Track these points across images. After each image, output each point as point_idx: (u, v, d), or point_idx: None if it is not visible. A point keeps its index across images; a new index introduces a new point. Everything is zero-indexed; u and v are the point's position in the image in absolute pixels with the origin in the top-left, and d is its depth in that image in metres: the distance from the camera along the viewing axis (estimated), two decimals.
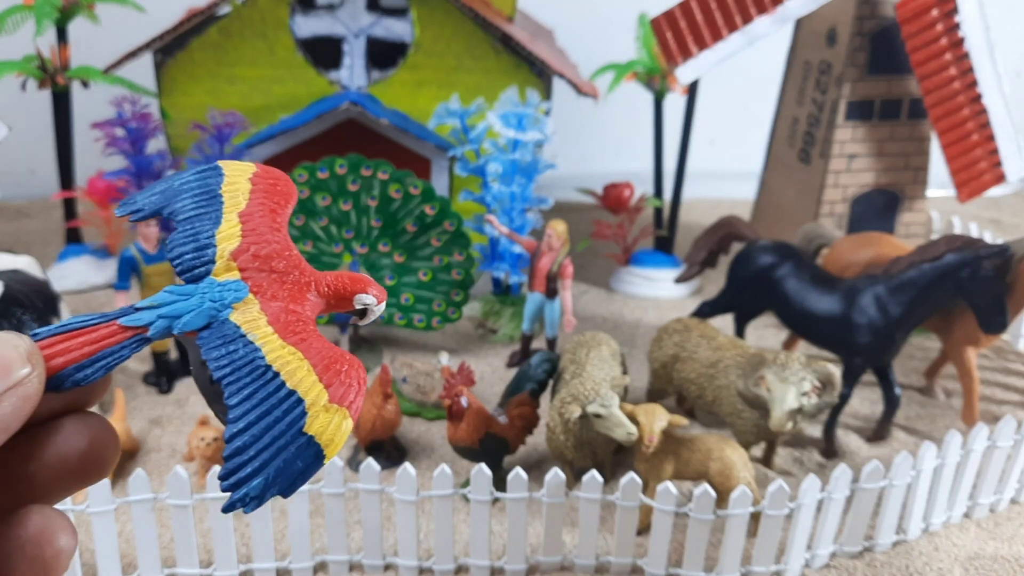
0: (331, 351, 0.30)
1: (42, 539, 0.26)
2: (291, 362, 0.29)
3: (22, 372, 0.26)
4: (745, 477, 1.23)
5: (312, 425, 0.28)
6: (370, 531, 1.20)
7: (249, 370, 0.29)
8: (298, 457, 0.27)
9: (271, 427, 0.27)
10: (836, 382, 1.30)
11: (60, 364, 0.28)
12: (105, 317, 0.30)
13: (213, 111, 1.89)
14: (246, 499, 0.26)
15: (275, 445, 0.27)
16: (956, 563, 1.28)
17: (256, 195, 0.36)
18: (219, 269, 0.34)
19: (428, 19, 1.99)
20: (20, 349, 0.26)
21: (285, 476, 0.27)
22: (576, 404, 1.26)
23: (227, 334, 0.30)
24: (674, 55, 2.00)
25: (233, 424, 0.27)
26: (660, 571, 1.22)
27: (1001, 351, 1.96)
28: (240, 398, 0.28)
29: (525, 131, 1.86)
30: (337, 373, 0.29)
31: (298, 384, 0.29)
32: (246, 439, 0.27)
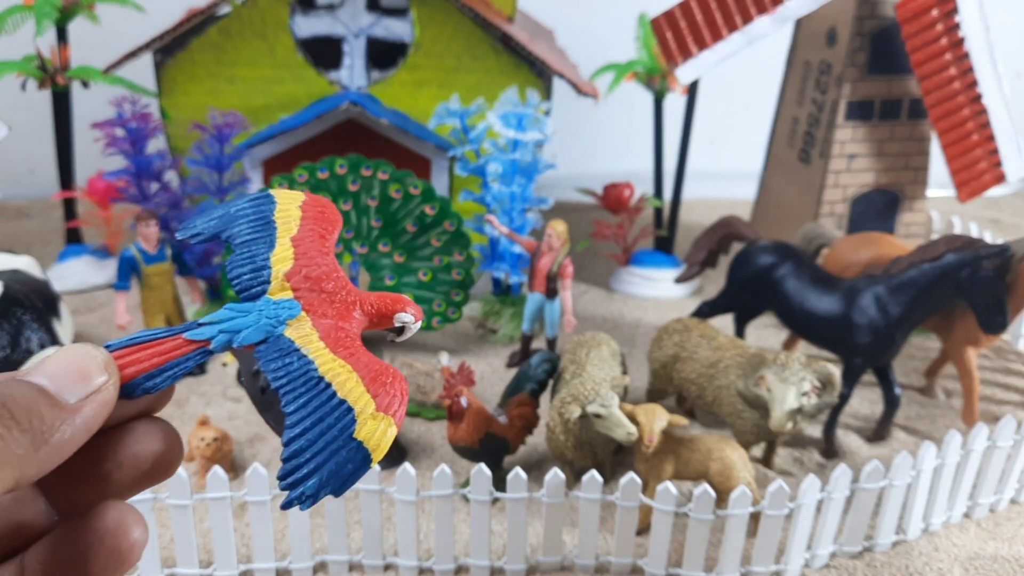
0: (377, 364, 0.33)
1: (119, 531, 0.29)
2: (341, 374, 0.32)
3: (100, 380, 0.29)
4: (745, 477, 1.23)
5: (361, 431, 0.30)
6: (370, 531, 1.20)
7: (304, 380, 0.32)
8: (349, 460, 0.30)
9: (324, 432, 0.30)
10: (836, 382, 1.30)
11: (132, 373, 0.31)
12: (171, 331, 0.33)
13: (213, 111, 1.89)
14: (302, 497, 0.29)
15: (328, 449, 0.30)
16: (956, 563, 1.28)
17: (306, 222, 0.39)
18: (274, 289, 0.36)
19: (428, 19, 1.99)
20: (98, 359, 0.29)
21: (337, 477, 0.29)
22: (576, 404, 1.26)
23: (283, 348, 0.33)
24: (674, 55, 2.00)
25: (290, 429, 0.30)
26: (660, 571, 1.21)
27: (1001, 351, 1.96)
28: (296, 406, 0.31)
29: (525, 131, 1.86)
30: (383, 384, 0.32)
31: (348, 394, 0.31)
32: (302, 443, 0.29)
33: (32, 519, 0.30)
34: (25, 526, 0.30)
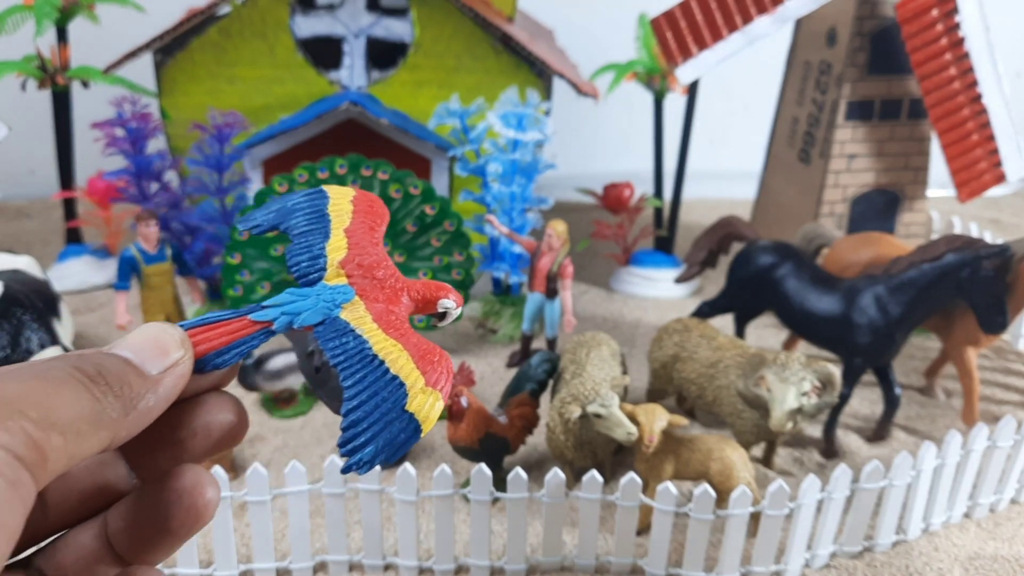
0: (425, 344, 0.36)
1: (195, 491, 0.32)
2: (393, 352, 0.35)
3: (177, 354, 0.32)
4: (745, 477, 1.23)
5: (412, 404, 0.33)
6: (370, 531, 1.20)
7: (359, 358, 0.35)
8: (401, 430, 0.32)
9: (379, 405, 0.33)
10: (836, 382, 1.30)
11: (203, 350, 0.34)
12: (237, 313, 0.36)
13: (213, 111, 1.89)
14: (360, 463, 0.31)
15: (383, 420, 0.33)
16: (956, 563, 1.28)
17: (357, 215, 0.43)
18: (330, 275, 0.40)
19: (428, 19, 1.99)
20: (175, 336, 0.32)
21: (391, 446, 0.32)
22: (576, 404, 1.26)
23: (339, 328, 0.36)
24: (674, 55, 2.00)
25: (348, 402, 0.33)
26: (660, 571, 1.21)
27: (1001, 351, 1.96)
28: (353, 381, 0.34)
29: (525, 131, 1.86)
30: (431, 362, 0.35)
31: (399, 370, 0.34)
32: (359, 414, 0.32)
33: (114, 481, 0.34)
34: (108, 487, 0.34)
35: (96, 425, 0.28)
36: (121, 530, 0.33)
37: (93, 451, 0.28)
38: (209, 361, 0.34)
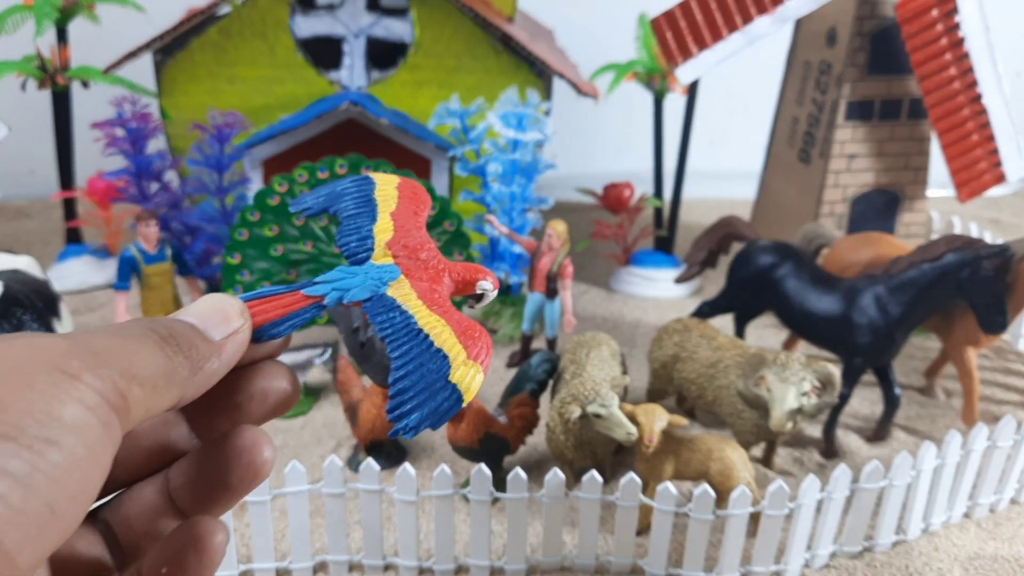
0: (467, 321, 0.38)
1: (254, 449, 0.34)
2: (436, 327, 0.37)
3: (237, 323, 0.34)
4: (745, 477, 1.23)
5: (454, 375, 0.35)
6: (370, 531, 1.20)
7: (405, 332, 0.37)
8: (445, 400, 0.35)
9: (424, 376, 0.35)
10: (836, 382, 1.30)
11: (259, 321, 0.36)
12: (290, 288, 0.38)
13: (213, 111, 1.89)
14: (407, 428, 0.34)
15: (428, 389, 0.35)
16: (956, 563, 1.27)
17: (402, 200, 0.46)
18: (377, 255, 0.42)
19: (428, 19, 1.99)
20: (236, 306, 0.34)
21: (435, 413, 0.34)
22: (576, 404, 1.26)
23: (387, 304, 0.38)
24: (674, 55, 2.00)
25: (395, 372, 0.35)
26: (660, 571, 1.21)
27: (1001, 351, 1.96)
28: (400, 353, 0.36)
29: (525, 131, 1.86)
30: (472, 337, 0.37)
31: (443, 344, 0.37)
32: (406, 384, 0.35)
33: (176, 441, 0.36)
34: (170, 447, 0.36)
35: (169, 382, 0.30)
36: (182, 486, 0.35)
37: (164, 407, 0.30)
38: (265, 332, 0.36)
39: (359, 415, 1.38)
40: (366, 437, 1.41)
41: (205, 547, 0.33)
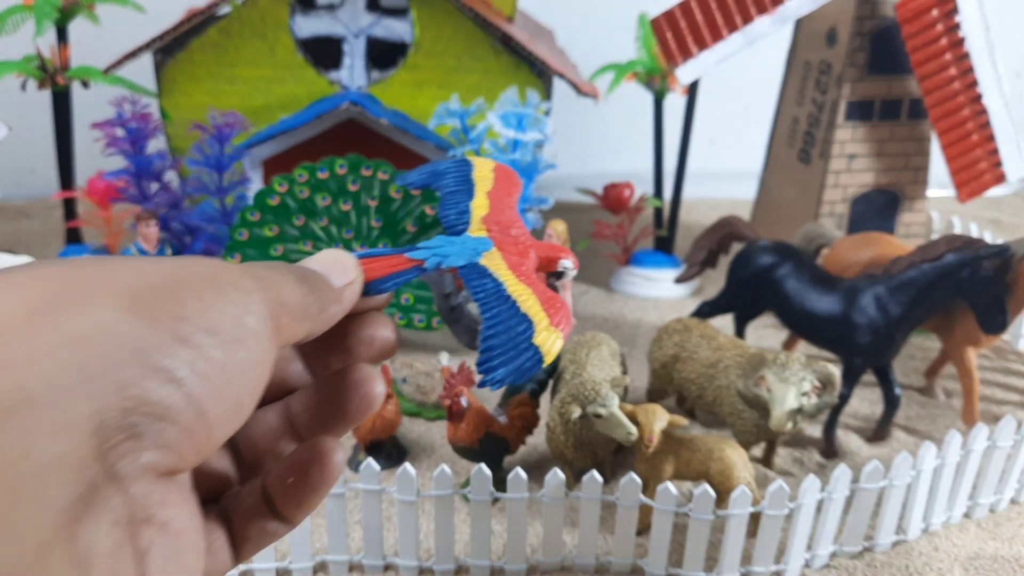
0: (550, 293, 0.42)
1: (368, 383, 0.39)
2: (523, 295, 0.41)
3: (353, 274, 0.38)
4: (745, 477, 1.23)
5: (537, 338, 0.39)
6: (370, 531, 1.20)
7: (496, 297, 0.41)
8: (527, 359, 0.38)
9: (511, 337, 0.39)
10: (836, 382, 1.30)
11: (368, 277, 0.40)
12: (395, 251, 0.43)
13: (213, 111, 1.89)
14: (492, 381, 0.37)
15: (514, 349, 0.39)
16: (956, 563, 1.27)
17: (497, 181, 0.50)
18: (472, 228, 0.46)
19: (428, 19, 1.99)
20: (352, 260, 0.39)
21: (519, 370, 0.38)
22: (576, 404, 1.26)
23: (480, 271, 0.43)
24: (674, 55, 2.00)
25: (485, 331, 0.39)
26: (660, 571, 1.21)
27: (1001, 351, 1.96)
28: (490, 315, 0.40)
29: (525, 131, 1.86)
30: (554, 307, 0.41)
31: (528, 310, 0.40)
32: (494, 343, 0.39)
33: (291, 376, 0.40)
34: (287, 380, 0.40)
35: (305, 316, 0.34)
36: (301, 413, 0.39)
37: (298, 337, 0.34)
38: (373, 287, 0.40)
39: None
40: (366, 438, 1.41)
41: (327, 462, 0.37)
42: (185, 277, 0.29)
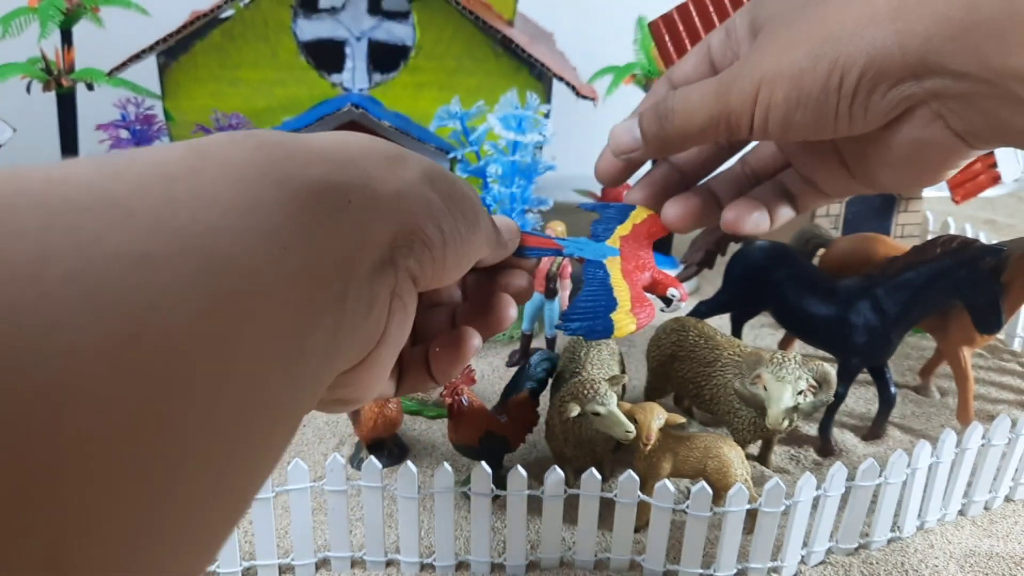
0: (643, 295, 0.54)
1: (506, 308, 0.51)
2: (620, 288, 0.53)
3: (514, 235, 0.51)
4: (742, 475, 1.25)
5: (615, 316, 0.50)
6: (372, 528, 1.22)
7: (599, 283, 0.54)
8: (600, 325, 0.49)
9: (595, 306, 0.51)
10: (832, 381, 1.32)
11: (522, 242, 0.53)
12: (543, 234, 0.55)
13: (216, 113, 1.91)
14: (567, 329, 0.50)
15: (592, 313, 0.50)
16: (951, 560, 1.29)
17: (648, 220, 0.63)
18: (610, 240, 0.59)
19: (429, 22, 2.01)
20: (515, 224, 0.51)
21: (590, 331, 0.49)
22: (575, 403, 1.27)
23: (598, 265, 0.56)
24: (672, 58, 2.02)
25: (579, 296, 0.52)
26: (658, 567, 1.23)
27: (996, 350, 1.98)
28: (588, 288, 0.53)
29: (525, 133, 1.88)
30: (641, 304, 0.52)
31: (619, 296, 0.52)
32: (580, 304, 0.51)
33: (446, 295, 0.53)
34: (443, 299, 0.53)
35: (487, 242, 0.45)
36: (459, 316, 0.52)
37: (480, 256, 0.45)
38: (523, 251, 0.53)
39: (361, 413, 1.40)
40: (368, 435, 1.42)
41: (467, 344, 0.48)
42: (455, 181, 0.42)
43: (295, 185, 0.28)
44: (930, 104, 0.41)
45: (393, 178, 0.35)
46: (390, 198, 0.34)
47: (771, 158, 0.57)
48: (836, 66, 0.42)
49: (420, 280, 0.38)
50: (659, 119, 0.51)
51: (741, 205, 0.55)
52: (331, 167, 0.31)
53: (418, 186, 0.37)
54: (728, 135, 0.48)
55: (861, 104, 0.42)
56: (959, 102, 0.40)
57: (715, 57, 0.54)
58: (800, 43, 0.43)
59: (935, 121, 0.42)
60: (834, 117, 0.43)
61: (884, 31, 0.40)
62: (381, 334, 0.36)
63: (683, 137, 0.50)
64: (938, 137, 0.42)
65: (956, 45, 0.37)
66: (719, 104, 0.47)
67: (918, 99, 0.41)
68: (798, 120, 0.44)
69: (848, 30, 0.41)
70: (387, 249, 0.34)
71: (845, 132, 0.45)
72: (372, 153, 0.36)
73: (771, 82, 0.44)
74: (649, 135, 0.53)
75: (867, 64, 0.40)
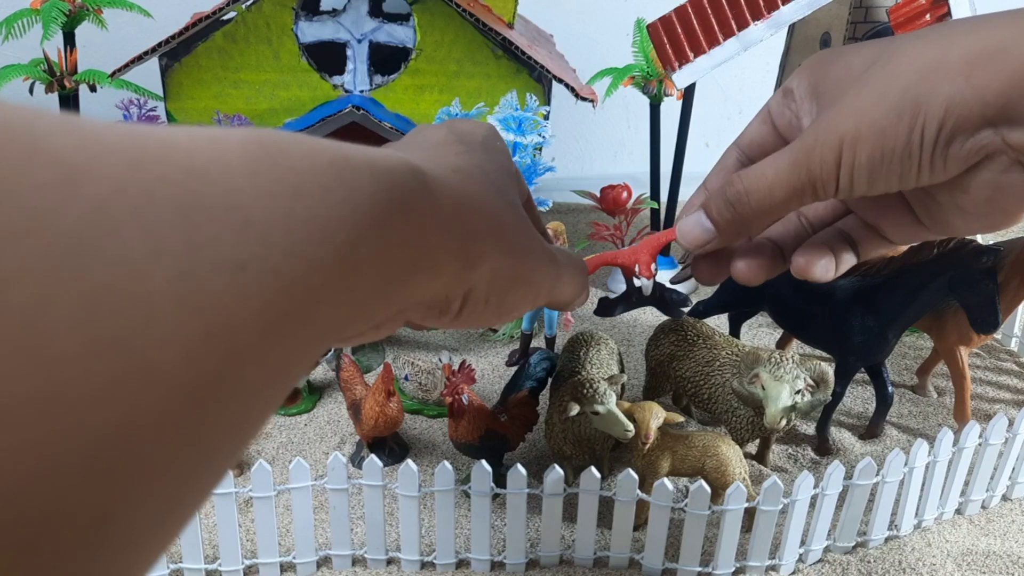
0: (598, 264, 0.63)
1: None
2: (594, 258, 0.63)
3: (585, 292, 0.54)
4: (740, 473, 1.25)
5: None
6: (373, 526, 1.23)
7: None
8: None
9: None
10: (829, 380, 1.33)
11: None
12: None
13: (219, 115, 1.92)
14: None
15: None
16: (949, 558, 1.29)
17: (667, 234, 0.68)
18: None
19: (429, 25, 2.02)
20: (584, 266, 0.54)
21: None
22: (574, 402, 1.28)
23: None
24: (670, 60, 2.03)
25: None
26: (657, 565, 1.24)
27: (993, 350, 1.99)
28: None
29: (525, 134, 1.89)
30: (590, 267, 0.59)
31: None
32: None
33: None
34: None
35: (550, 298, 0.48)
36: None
37: (521, 313, 0.46)
38: None
39: (362, 412, 1.40)
40: (369, 434, 1.43)
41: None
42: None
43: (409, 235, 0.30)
44: (1007, 152, 0.43)
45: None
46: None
47: (825, 208, 0.57)
48: (916, 121, 0.43)
49: (443, 321, 0.39)
50: (731, 204, 0.49)
51: (810, 251, 0.55)
52: (464, 221, 0.33)
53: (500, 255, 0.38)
54: (813, 201, 0.49)
55: (940, 155, 0.44)
56: None
57: (776, 120, 0.55)
58: (876, 102, 0.45)
59: (1013, 167, 0.44)
60: (917, 169, 0.45)
61: (959, 85, 0.42)
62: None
63: (763, 215, 0.49)
64: (1015, 182, 0.44)
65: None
66: (799, 174, 0.46)
67: (996, 147, 0.43)
68: (883, 176, 0.46)
69: (924, 85, 0.43)
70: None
71: (927, 182, 0.46)
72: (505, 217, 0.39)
73: (853, 143, 0.45)
74: (723, 223, 0.51)
75: (945, 116, 0.42)
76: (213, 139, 0.25)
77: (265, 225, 0.24)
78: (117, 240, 0.19)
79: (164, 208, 0.21)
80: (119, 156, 0.21)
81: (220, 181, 0.23)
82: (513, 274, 0.40)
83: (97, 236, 0.19)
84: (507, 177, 0.44)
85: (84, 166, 0.19)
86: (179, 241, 0.21)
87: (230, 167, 0.24)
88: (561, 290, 0.46)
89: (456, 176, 0.37)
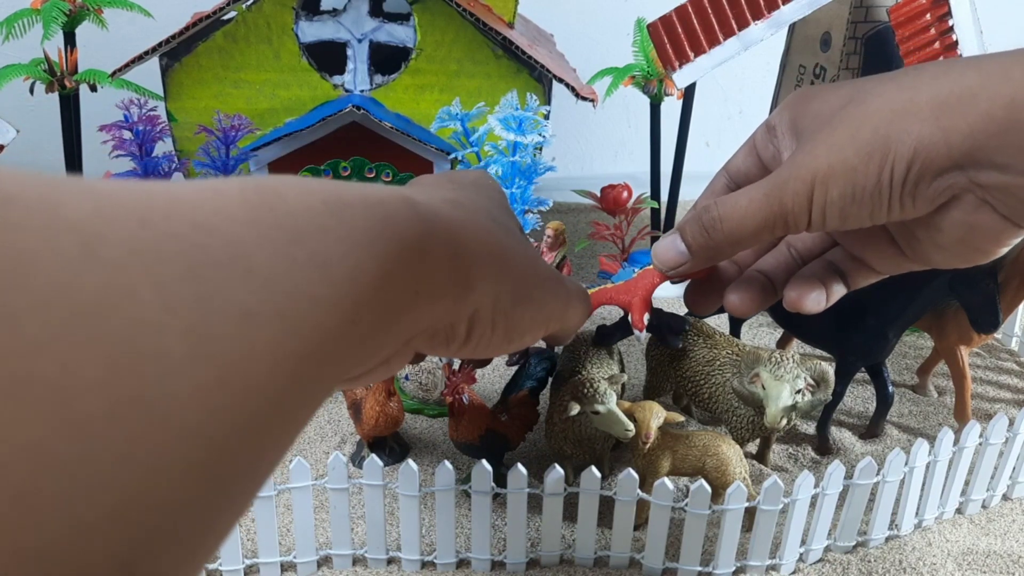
0: (603, 300, 0.67)
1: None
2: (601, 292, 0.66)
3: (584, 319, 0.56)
4: (740, 473, 1.25)
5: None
6: (373, 525, 1.23)
7: None
8: None
9: None
10: (830, 380, 1.33)
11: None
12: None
13: (219, 114, 1.92)
14: None
15: None
16: (949, 558, 1.30)
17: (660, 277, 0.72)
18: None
19: (430, 25, 2.02)
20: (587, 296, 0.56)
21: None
22: (574, 401, 1.28)
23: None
24: (671, 60, 2.03)
25: None
26: (657, 565, 1.24)
27: (993, 350, 1.99)
28: None
29: (525, 134, 1.89)
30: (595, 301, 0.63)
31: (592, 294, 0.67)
32: None
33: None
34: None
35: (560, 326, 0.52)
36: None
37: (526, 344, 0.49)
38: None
39: (363, 412, 1.41)
40: (369, 434, 1.43)
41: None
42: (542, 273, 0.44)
43: (403, 273, 0.31)
44: (975, 192, 0.44)
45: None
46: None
47: (813, 240, 0.60)
48: (886, 161, 0.45)
49: (451, 350, 0.40)
50: (705, 230, 0.51)
51: (801, 285, 0.57)
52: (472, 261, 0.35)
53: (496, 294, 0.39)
54: (784, 233, 0.51)
55: (909, 193, 0.45)
56: (1003, 191, 0.43)
57: (760, 152, 0.58)
58: (848, 141, 0.46)
59: (982, 206, 0.45)
60: (887, 207, 0.46)
61: (929, 127, 0.43)
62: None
63: (734, 242, 0.51)
64: (986, 221, 0.45)
65: (999, 141, 0.40)
66: (772, 206, 0.48)
67: (962, 188, 0.44)
68: (854, 213, 0.47)
69: (894, 127, 0.45)
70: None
71: (897, 218, 0.48)
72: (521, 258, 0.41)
73: (824, 181, 0.47)
74: (696, 246, 0.53)
75: (913, 157, 0.44)
76: (216, 191, 0.26)
77: (267, 271, 0.24)
78: (133, 301, 0.20)
79: (174, 264, 0.22)
80: (130, 217, 0.22)
81: (223, 232, 0.24)
82: (517, 295, 0.39)
83: (115, 299, 0.19)
84: (501, 209, 0.45)
85: (99, 231, 0.20)
86: (189, 295, 0.22)
87: (232, 218, 0.25)
88: (571, 314, 0.46)
89: (448, 205, 0.37)
